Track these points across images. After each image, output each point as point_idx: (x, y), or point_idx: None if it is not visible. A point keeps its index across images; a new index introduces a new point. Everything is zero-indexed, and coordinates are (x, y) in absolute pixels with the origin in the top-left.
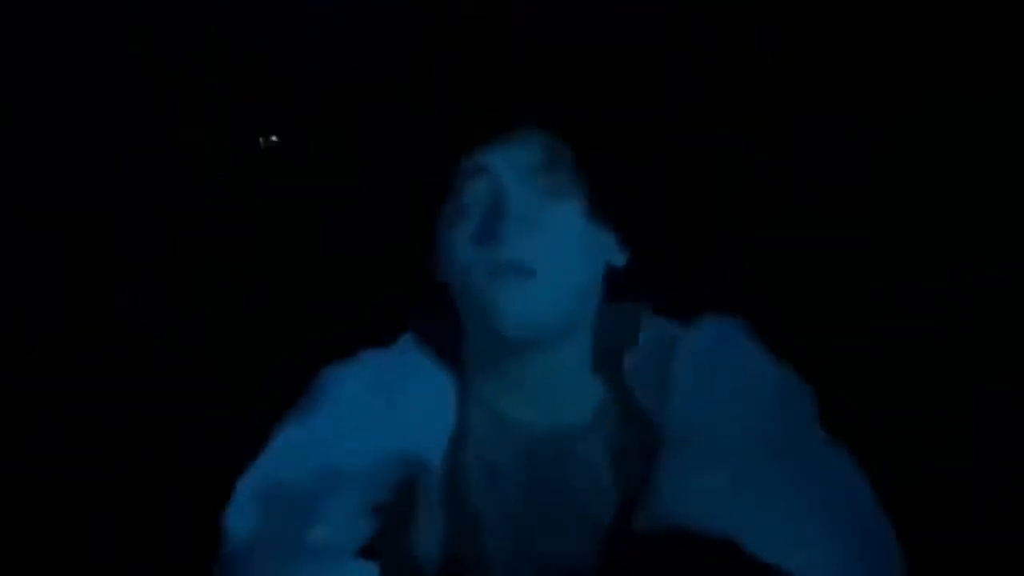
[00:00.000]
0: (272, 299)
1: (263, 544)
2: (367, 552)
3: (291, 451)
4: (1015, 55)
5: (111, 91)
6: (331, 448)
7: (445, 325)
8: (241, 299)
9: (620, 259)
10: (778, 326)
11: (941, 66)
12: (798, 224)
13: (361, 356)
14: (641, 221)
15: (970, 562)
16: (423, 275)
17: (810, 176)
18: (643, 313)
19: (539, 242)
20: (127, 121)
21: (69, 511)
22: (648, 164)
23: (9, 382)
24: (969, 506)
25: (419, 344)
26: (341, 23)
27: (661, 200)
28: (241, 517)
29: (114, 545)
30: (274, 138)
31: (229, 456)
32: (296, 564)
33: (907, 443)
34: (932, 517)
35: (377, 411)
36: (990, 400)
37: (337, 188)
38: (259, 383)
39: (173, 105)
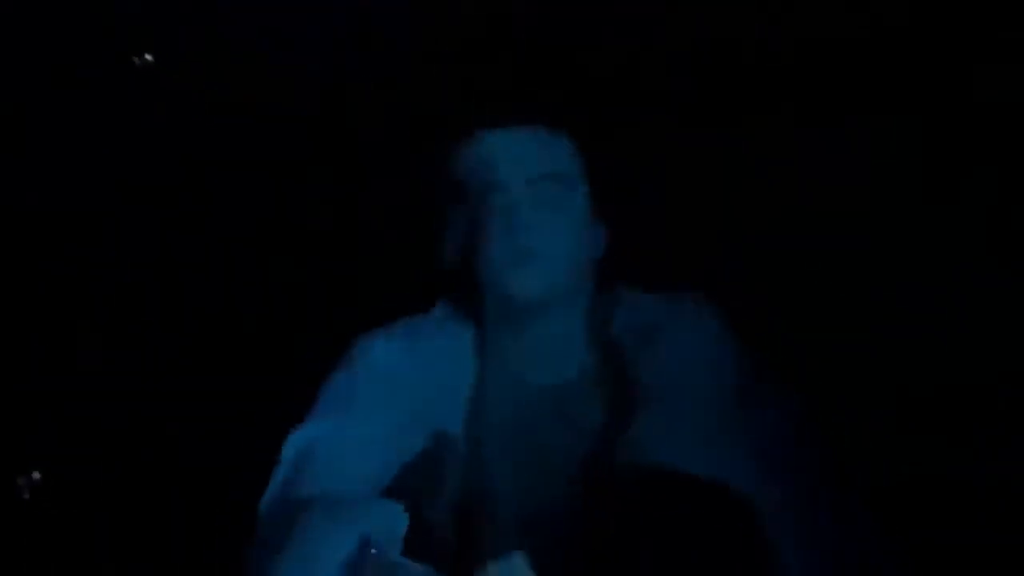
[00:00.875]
0: (273, 300)
1: (296, 500)
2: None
3: (328, 418)
4: (1015, 55)
5: (109, 90)
6: (365, 413)
7: (468, 300)
8: (242, 299)
9: (600, 249)
10: (778, 325)
11: (941, 66)
12: (798, 224)
13: (397, 325)
14: (641, 220)
15: (970, 562)
16: (421, 273)
17: (810, 176)
18: (626, 290)
19: (545, 234)
20: (126, 120)
21: (69, 511)
22: (648, 164)
23: (9, 382)
24: (969, 506)
25: (450, 314)
26: (341, 23)
27: (661, 200)
28: (279, 478)
29: (114, 545)
30: (148, 56)
31: (229, 456)
32: (327, 509)
33: (907, 443)
34: (932, 517)
35: (409, 376)
36: (990, 400)
37: (337, 188)
38: (259, 383)
39: (172, 104)
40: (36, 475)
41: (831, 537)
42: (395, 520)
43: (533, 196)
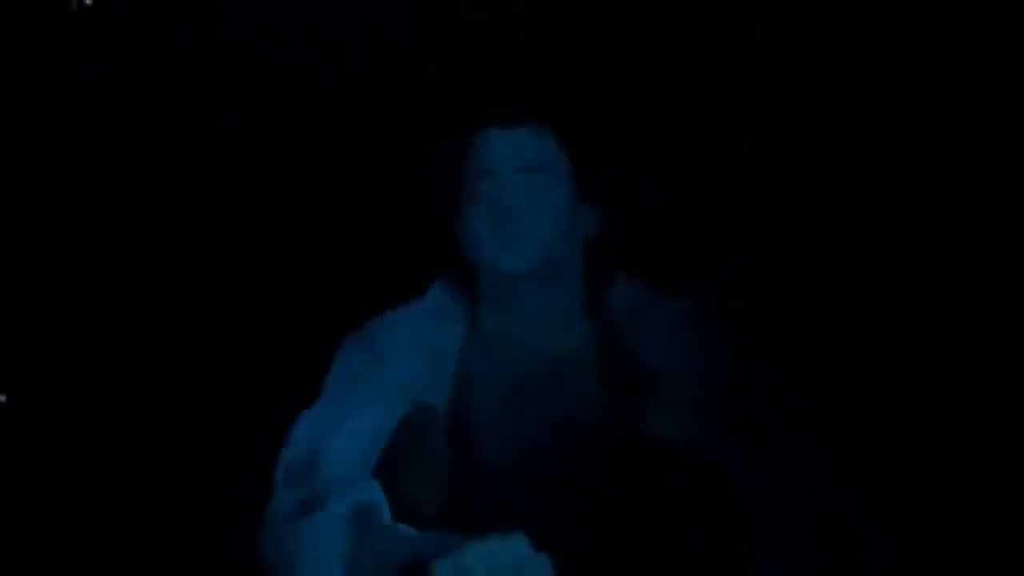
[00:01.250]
0: (273, 300)
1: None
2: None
3: (331, 400)
4: (1015, 55)
5: (109, 90)
6: (364, 395)
7: (462, 278)
8: (242, 299)
9: (593, 228)
10: (778, 325)
11: (941, 66)
12: (798, 224)
13: (403, 308)
14: (641, 220)
15: (970, 562)
16: (421, 272)
17: (810, 176)
18: (625, 276)
19: (530, 216)
20: (126, 120)
21: (69, 511)
22: (648, 164)
23: (10, 376)
24: (969, 506)
25: (445, 293)
26: (341, 23)
27: (661, 200)
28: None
29: (114, 545)
30: (87, 1)
31: (229, 456)
32: (319, 496)
33: (907, 443)
34: (932, 517)
35: (403, 351)
36: (990, 400)
37: (337, 188)
38: (259, 383)
39: (172, 104)
40: (2, 398)
41: (812, 519)
42: (376, 495)
43: (519, 182)
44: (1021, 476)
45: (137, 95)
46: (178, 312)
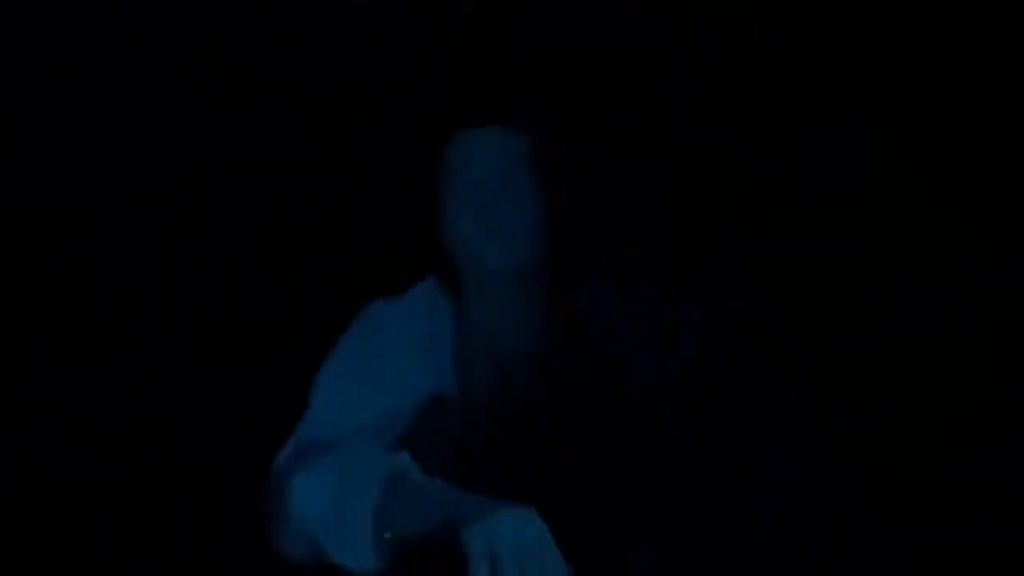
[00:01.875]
0: (273, 299)
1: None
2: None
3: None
4: (1015, 55)
5: (109, 90)
6: (376, 372)
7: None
8: (242, 299)
9: (567, 227)
10: (778, 325)
11: (941, 66)
12: (798, 224)
13: (396, 300)
14: (641, 220)
15: (970, 562)
16: (421, 272)
17: (810, 176)
18: (596, 272)
19: (512, 212)
20: (126, 120)
21: (69, 511)
22: (648, 164)
23: (10, 376)
24: (969, 506)
25: (435, 287)
26: (341, 23)
27: (661, 200)
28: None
29: (114, 545)
30: None
31: (229, 456)
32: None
33: (907, 443)
34: (932, 517)
35: (410, 344)
36: (990, 400)
37: (337, 188)
38: (259, 383)
39: (172, 104)
40: None
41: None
42: (407, 460)
43: (502, 181)
44: (1021, 476)
45: (137, 95)
46: (178, 312)
